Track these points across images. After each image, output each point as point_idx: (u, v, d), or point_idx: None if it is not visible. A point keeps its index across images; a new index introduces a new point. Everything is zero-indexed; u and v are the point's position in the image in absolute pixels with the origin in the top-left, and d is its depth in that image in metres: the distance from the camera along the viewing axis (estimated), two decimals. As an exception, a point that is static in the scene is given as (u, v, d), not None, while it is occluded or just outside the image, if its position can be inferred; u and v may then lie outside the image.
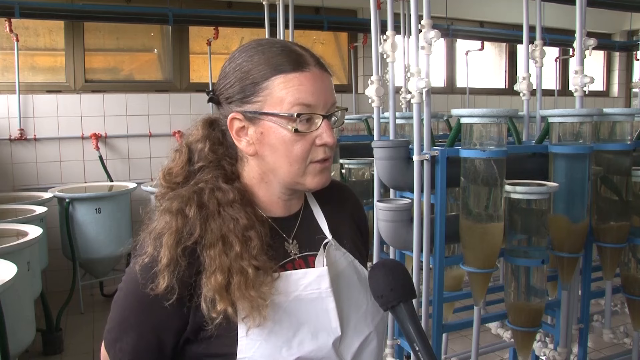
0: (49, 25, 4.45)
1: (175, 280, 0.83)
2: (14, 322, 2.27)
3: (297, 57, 0.89)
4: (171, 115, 4.62)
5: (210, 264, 0.85)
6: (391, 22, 2.19)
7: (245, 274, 0.84)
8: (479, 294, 1.99)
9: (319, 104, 0.88)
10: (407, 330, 0.85)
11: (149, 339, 0.88)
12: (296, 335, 0.87)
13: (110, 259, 3.97)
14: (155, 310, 0.86)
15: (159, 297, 0.84)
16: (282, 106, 0.87)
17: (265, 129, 0.89)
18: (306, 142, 0.88)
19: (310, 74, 0.88)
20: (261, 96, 0.88)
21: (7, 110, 4.17)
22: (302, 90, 0.87)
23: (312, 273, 0.92)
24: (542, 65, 2.55)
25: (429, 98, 1.93)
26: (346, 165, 2.75)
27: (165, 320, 0.87)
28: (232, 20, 4.69)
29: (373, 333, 0.95)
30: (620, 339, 2.64)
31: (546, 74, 4.43)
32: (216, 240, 0.86)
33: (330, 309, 0.91)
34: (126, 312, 0.89)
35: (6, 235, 2.79)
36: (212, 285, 0.83)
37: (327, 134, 0.88)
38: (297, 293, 0.90)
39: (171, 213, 0.88)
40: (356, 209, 1.13)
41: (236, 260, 0.85)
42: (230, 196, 0.89)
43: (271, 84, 0.87)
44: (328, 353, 0.89)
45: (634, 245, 2.24)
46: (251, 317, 0.84)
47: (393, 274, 0.88)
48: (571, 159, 2.00)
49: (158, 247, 0.86)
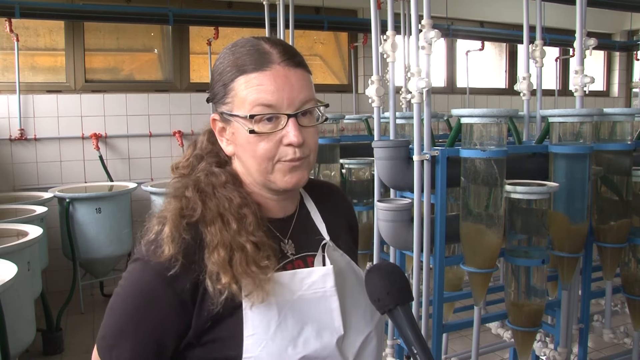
0: (49, 25, 4.45)
1: (180, 251, 0.84)
2: (14, 322, 2.27)
3: (260, 56, 0.88)
4: (171, 115, 4.62)
5: (212, 240, 0.86)
6: (391, 22, 2.20)
7: (245, 250, 0.86)
8: (479, 294, 1.99)
9: (282, 103, 0.86)
10: (405, 334, 0.85)
11: (147, 344, 0.86)
12: (301, 334, 0.87)
13: (110, 259, 3.97)
14: (153, 308, 0.85)
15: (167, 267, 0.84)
16: (244, 107, 0.87)
17: (235, 130, 0.90)
18: (270, 142, 0.88)
19: (272, 72, 0.86)
20: (230, 97, 0.89)
21: (7, 110, 4.18)
22: (262, 90, 0.86)
23: (316, 272, 0.92)
24: (542, 65, 2.55)
25: (429, 98, 1.93)
26: (346, 165, 2.75)
27: (166, 321, 0.86)
28: (232, 20, 4.69)
29: (373, 332, 0.96)
30: (621, 339, 2.64)
31: (546, 74, 4.42)
32: (215, 218, 0.88)
33: (334, 308, 0.91)
34: (123, 318, 0.88)
35: (6, 235, 2.79)
36: (216, 260, 0.84)
37: (293, 134, 0.86)
38: (302, 292, 0.90)
39: (175, 197, 0.91)
40: (348, 209, 1.14)
41: (234, 237, 0.87)
42: (223, 178, 0.92)
43: (236, 85, 0.88)
44: (332, 352, 0.89)
45: (634, 245, 2.24)
46: (254, 294, 0.85)
47: (389, 277, 0.87)
48: (571, 159, 2.00)
49: (162, 224, 0.88)
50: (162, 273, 0.84)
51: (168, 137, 4.60)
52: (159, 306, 0.86)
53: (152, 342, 0.87)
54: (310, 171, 0.95)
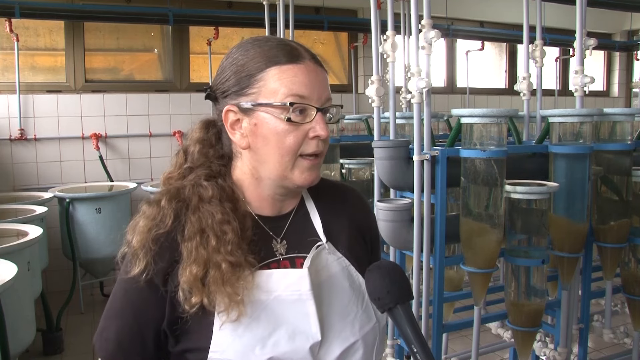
0: (49, 25, 4.46)
1: (148, 264, 0.87)
2: (14, 322, 2.27)
3: (291, 50, 0.90)
4: (171, 115, 4.62)
5: (188, 256, 0.87)
6: (391, 22, 2.20)
7: (220, 269, 0.86)
8: (479, 294, 1.99)
9: (313, 97, 0.89)
10: (405, 332, 0.84)
11: (131, 327, 0.90)
12: (272, 335, 0.86)
13: (110, 259, 3.96)
14: (134, 296, 0.90)
15: (135, 280, 0.88)
16: (277, 96, 0.88)
17: (259, 120, 0.89)
18: (299, 134, 0.88)
19: (305, 66, 0.89)
20: (256, 87, 0.89)
21: (8, 110, 4.18)
22: (296, 81, 0.88)
23: (292, 274, 0.91)
24: (542, 65, 2.55)
25: (429, 98, 1.93)
26: (346, 165, 2.75)
27: (145, 309, 0.89)
28: (232, 20, 4.69)
29: (360, 342, 0.92)
30: (621, 339, 2.64)
31: (546, 74, 4.42)
32: (194, 234, 0.88)
33: (310, 313, 0.89)
34: (112, 303, 0.93)
35: (6, 235, 2.79)
36: (187, 277, 0.85)
37: (321, 127, 0.89)
38: (278, 293, 0.89)
39: (148, 204, 0.93)
40: (360, 212, 1.09)
41: (212, 254, 0.87)
42: (209, 192, 0.91)
43: (266, 75, 0.88)
44: (304, 356, 0.87)
45: (634, 245, 2.24)
46: (227, 312, 0.85)
47: (389, 275, 0.87)
48: (571, 159, 2.00)
49: (133, 234, 0.91)
50: (136, 282, 0.88)
51: (168, 137, 4.60)
52: (140, 295, 0.89)
53: (134, 324, 0.90)
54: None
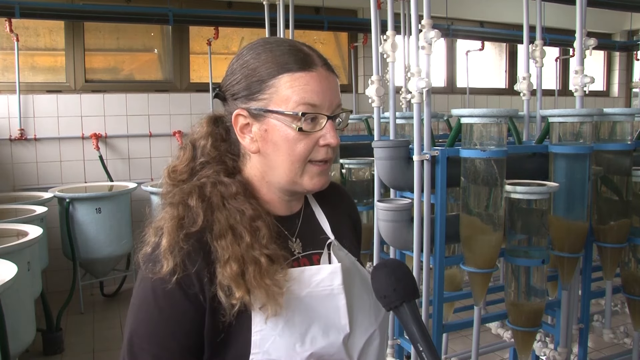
0: (49, 25, 4.45)
1: (178, 264, 0.83)
2: (14, 322, 2.27)
3: (304, 57, 0.90)
4: (171, 115, 4.62)
5: (223, 254, 0.85)
6: (391, 22, 2.20)
7: (259, 264, 0.85)
8: (479, 294, 1.99)
9: (325, 105, 0.89)
10: (411, 331, 0.85)
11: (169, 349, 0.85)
12: (308, 332, 0.88)
13: (110, 259, 3.97)
14: (169, 308, 0.84)
15: (165, 281, 0.83)
16: (288, 105, 0.87)
17: (269, 127, 0.89)
18: (309, 142, 0.89)
19: (317, 74, 0.89)
20: (267, 94, 0.89)
21: (7, 110, 4.18)
22: (308, 90, 0.88)
23: (325, 269, 0.93)
24: (542, 65, 2.55)
25: (429, 98, 1.93)
26: (346, 165, 2.75)
27: (182, 321, 0.85)
28: (232, 20, 4.69)
29: (377, 331, 0.96)
30: (621, 339, 2.64)
31: (546, 74, 4.42)
32: (225, 231, 0.86)
33: (340, 306, 0.92)
34: (141, 313, 0.87)
35: (6, 235, 2.79)
36: (228, 274, 0.83)
37: (331, 135, 0.89)
38: (310, 289, 0.91)
39: (172, 205, 0.89)
40: (352, 209, 1.15)
41: (248, 251, 0.85)
42: (233, 189, 0.90)
43: (277, 82, 0.88)
44: (338, 349, 0.89)
45: (634, 245, 2.24)
46: (268, 306, 0.84)
47: (395, 274, 0.87)
48: (571, 159, 2.00)
49: (160, 235, 0.87)
50: (166, 283, 0.83)
51: (168, 137, 4.60)
52: (176, 305, 0.84)
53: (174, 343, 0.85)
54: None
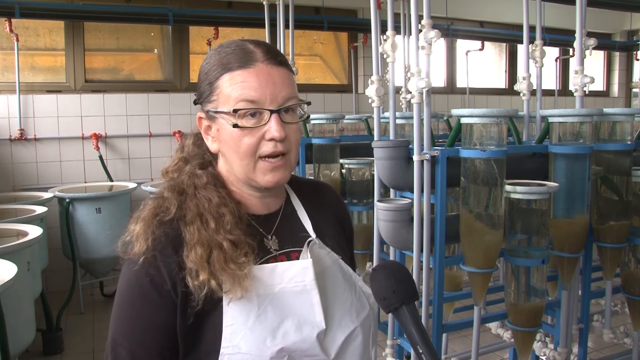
0: (49, 25, 4.45)
1: (149, 247, 0.88)
2: (14, 322, 2.27)
3: (244, 55, 0.92)
4: (171, 115, 4.62)
5: (191, 238, 0.90)
6: (391, 22, 2.19)
7: (222, 248, 0.89)
8: (479, 294, 1.99)
9: (265, 99, 0.90)
10: (410, 333, 0.84)
11: (144, 342, 0.90)
12: (280, 327, 0.89)
13: (110, 259, 3.97)
14: (146, 306, 0.89)
15: (134, 262, 0.89)
16: (229, 103, 0.91)
17: (220, 126, 0.94)
18: (253, 137, 0.91)
19: (255, 69, 0.91)
20: (215, 95, 0.94)
21: (7, 110, 4.18)
22: (246, 86, 0.90)
23: (296, 265, 0.94)
24: (542, 65, 2.55)
25: (429, 98, 1.93)
26: (346, 165, 2.76)
27: (156, 317, 0.89)
28: (232, 20, 4.69)
29: (358, 329, 0.97)
30: (621, 339, 2.64)
31: (546, 74, 4.42)
32: (194, 218, 0.91)
33: (314, 302, 0.93)
34: (121, 317, 0.92)
35: (6, 235, 2.79)
36: (193, 258, 0.88)
37: (275, 128, 0.90)
38: (282, 285, 0.92)
39: (152, 199, 0.96)
40: (339, 208, 1.15)
41: (212, 236, 0.90)
42: (204, 180, 0.96)
43: (221, 82, 0.93)
44: (312, 345, 0.90)
45: (634, 245, 2.23)
46: (233, 290, 0.87)
47: (395, 276, 0.88)
48: (571, 159, 2.00)
49: (135, 223, 0.93)
50: (139, 271, 0.89)
51: (168, 137, 4.60)
52: (149, 303, 0.89)
53: (149, 339, 0.89)
54: (292, 170, 0.98)
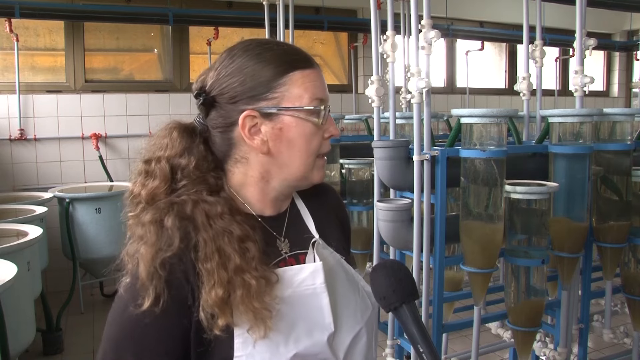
0: (49, 25, 4.45)
1: (160, 293, 0.80)
2: (14, 322, 2.27)
3: (305, 55, 0.94)
4: (171, 115, 4.57)
5: (209, 279, 0.81)
6: (391, 22, 2.19)
7: (248, 287, 0.82)
8: (479, 294, 1.99)
9: (327, 99, 0.94)
10: (411, 332, 0.84)
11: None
12: (292, 332, 0.87)
13: (110, 259, 3.84)
14: (151, 333, 0.83)
15: (150, 313, 0.81)
16: (302, 100, 0.90)
17: (284, 125, 0.90)
18: (319, 136, 0.93)
19: (318, 71, 0.94)
20: (278, 92, 0.89)
21: (7, 110, 4.17)
22: (317, 85, 0.92)
23: (306, 269, 0.92)
24: (542, 65, 2.55)
25: (429, 98, 1.93)
26: (346, 165, 2.75)
27: (164, 336, 0.83)
28: (232, 20, 4.69)
29: (363, 329, 0.96)
30: (621, 339, 2.64)
31: (546, 74, 4.42)
32: (212, 254, 0.83)
33: (324, 305, 0.91)
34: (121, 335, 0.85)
35: (6, 235, 2.79)
36: (213, 301, 0.80)
37: (334, 127, 0.95)
38: (292, 290, 0.89)
39: (143, 226, 0.85)
40: (339, 207, 1.14)
41: (237, 274, 0.82)
42: (219, 209, 0.87)
43: (289, 80, 0.90)
44: (323, 349, 0.88)
45: (634, 245, 2.23)
46: (255, 328, 0.82)
47: (395, 274, 0.87)
48: (571, 159, 2.00)
49: (135, 263, 0.84)
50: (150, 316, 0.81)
51: (168, 137, 4.60)
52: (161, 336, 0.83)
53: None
54: None
